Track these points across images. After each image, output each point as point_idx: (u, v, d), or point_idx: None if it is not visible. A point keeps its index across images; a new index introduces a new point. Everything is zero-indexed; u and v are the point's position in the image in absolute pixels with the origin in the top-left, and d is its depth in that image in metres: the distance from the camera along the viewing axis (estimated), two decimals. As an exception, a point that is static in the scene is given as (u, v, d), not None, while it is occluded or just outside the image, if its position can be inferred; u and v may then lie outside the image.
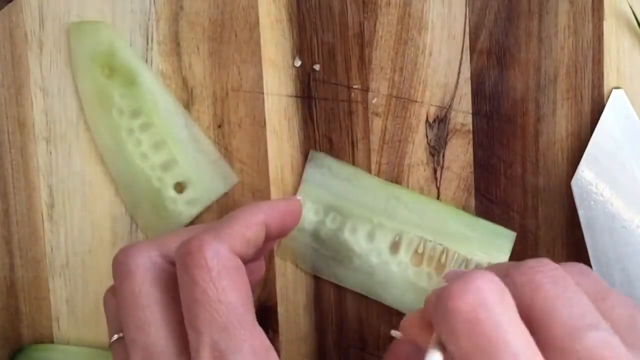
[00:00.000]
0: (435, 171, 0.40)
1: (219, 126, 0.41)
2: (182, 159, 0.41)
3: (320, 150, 0.41)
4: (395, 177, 0.41)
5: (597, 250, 0.39)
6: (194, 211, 0.41)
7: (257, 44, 0.40)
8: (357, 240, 0.40)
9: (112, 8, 0.40)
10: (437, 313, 0.26)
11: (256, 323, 0.30)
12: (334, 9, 0.40)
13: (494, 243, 0.40)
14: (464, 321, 0.24)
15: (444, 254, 0.40)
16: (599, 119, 0.39)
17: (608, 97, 0.39)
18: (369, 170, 0.41)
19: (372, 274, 0.40)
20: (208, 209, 0.41)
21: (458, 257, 0.40)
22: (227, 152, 0.41)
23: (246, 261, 0.33)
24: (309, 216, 0.40)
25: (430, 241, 0.40)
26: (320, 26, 0.40)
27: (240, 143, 0.41)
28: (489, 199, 0.41)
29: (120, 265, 0.32)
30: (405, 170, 0.41)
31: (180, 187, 0.41)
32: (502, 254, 0.40)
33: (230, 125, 0.41)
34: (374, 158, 0.41)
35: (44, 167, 0.41)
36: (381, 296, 0.40)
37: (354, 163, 0.41)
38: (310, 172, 0.40)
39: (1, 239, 0.42)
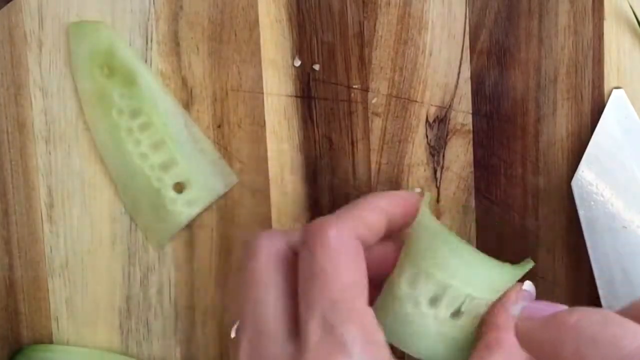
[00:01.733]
0: (435, 171, 0.40)
1: (219, 126, 0.41)
2: (182, 159, 0.40)
3: (320, 150, 0.41)
4: (395, 177, 0.41)
5: (597, 250, 0.39)
6: (193, 211, 0.41)
7: (257, 44, 0.40)
8: (399, 281, 0.35)
9: (112, 8, 0.40)
10: None
11: (367, 306, 0.32)
12: (334, 9, 0.40)
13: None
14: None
15: (482, 308, 0.35)
16: (599, 119, 0.39)
17: (608, 97, 0.39)
18: (369, 170, 0.41)
19: (405, 323, 0.35)
20: (208, 209, 0.41)
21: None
22: (226, 152, 0.41)
23: (367, 247, 0.34)
24: None
25: (476, 298, 0.34)
26: (320, 26, 0.40)
27: (240, 143, 0.41)
28: (489, 199, 0.40)
29: (249, 246, 0.34)
30: (405, 171, 0.41)
31: (179, 187, 0.41)
32: None
33: (229, 125, 0.41)
34: (374, 158, 0.41)
35: (43, 167, 0.41)
36: (409, 346, 0.35)
37: (353, 163, 0.41)
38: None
39: (0, 239, 0.42)
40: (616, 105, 0.39)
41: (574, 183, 0.39)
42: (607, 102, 0.39)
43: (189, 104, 0.41)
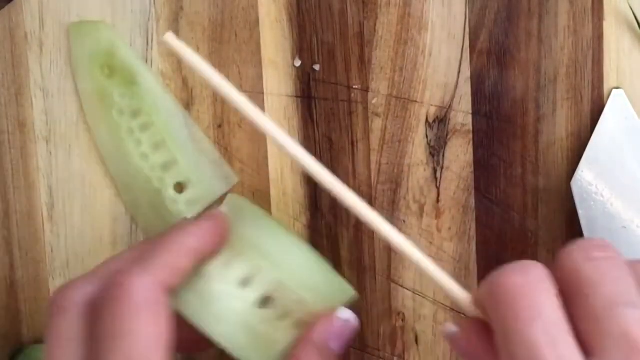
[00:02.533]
0: (435, 171, 0.40)
1: (219, 126, 0.41)
2: (182, 159, 0.41)
3: (320, 150, 0.41)
4: (395, 177, 0.41)
5: (597, 250, 0.39)
6: (194, 211, 0.41)
7: (257, 44, 0.40)
8: (211, 262, 0.34)
9: (112, 8, 0.40)
10: (485, 290, 0.28)
11: None
12: (334, 9, 0.40)
13: (334, 299, 0.35)
14: (505, 293, 0.27)
15: (295, 304, 0.34)
16: (599, 119, 0.39)
17: (608, 97, 0.39)
18: (369, 170, 0.41)
19: (210, 302, 0.34)
20: (208, 209, 0.41)
21: (304, 307, 0.34)
22: (227, 152, 0.41)
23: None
24: None
25: (289, 290, 0.34)
26: (320, 26, 0.40)
27: (240, 143, 0.41)
28: (489, 199, 0.41)
29: (54, 301, 0.31)
30: (405, 171, 0.41)
31: (180, 187, 0.41)
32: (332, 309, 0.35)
33: (230, 125, 0.41)
34: (374, 158, 0.41)
35: (44, 168, 0.41)
36: (209, 328, 0.33)
37: (353, 163, 0.41)
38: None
39: (1, 239, 0.42)
40: (616, 106, 0.39)
41: (573, 183, 0.39)
42: (606, 102, 0.39)
43: (190, 104, 0.41)
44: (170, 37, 0.31)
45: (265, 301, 0.34)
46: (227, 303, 0.33)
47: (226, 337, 0.33)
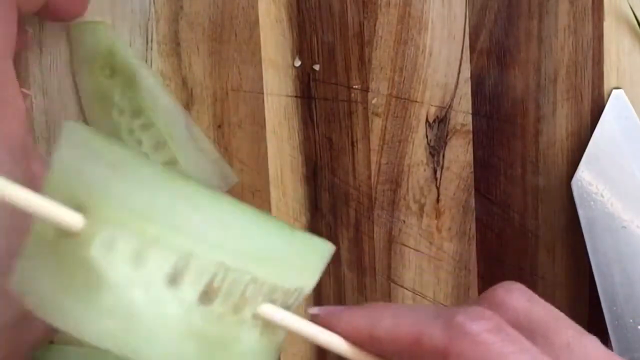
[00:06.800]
0: (435, 171, 0.40)
1: (219, 126, 0.41)
2: (182, 159, 0.41)
3: (320, 150, 0.41)
4: (395, 177, 0.41)
5: (597, 250, 0.39)
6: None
7: (257, 44, 0.40)
8: (112, 261, 0.22)
9: (112, 8, 0.40)
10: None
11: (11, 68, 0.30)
12: (334, 9, 0.40)
13: (308, 262, 0.26)
14: None
15: (250, 286, 0.24)
16: (599, 119, 0.39)
17: (608, 97, 0.39)
18: (369, 170, 0.41)
19: (133, 320, 0.22)
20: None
21: (264, 287, 0.25)
22: (227, 152, 0.41)
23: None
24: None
25: (234, 270, 0.24)
26: (320, 26, 0.40)
27: (240, 143, 0.41)
28: (489, 199, 0.41)
29: None
30: (405, 171, 0.41)
31: (180, 187, 0.41)
32: (312, 277, 0.27)
33: (230, 126, 0.41)
34: (374, 158, 0.41)
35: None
36: (142, 354, 0.23)
37: (353, 163, 0.41)
38: (62, 152, 0.25)
39: (1, 239, 0.42)
40: (616, 106, 0.39)
41: (573, 183, 0.39)
42: (607, 102, 0.39)
43: (190, 104, 0.41)
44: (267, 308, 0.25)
45: (206, 294, 0.24)
46: (156, 314, 0.23)
47: (166, 357, 0.23)
